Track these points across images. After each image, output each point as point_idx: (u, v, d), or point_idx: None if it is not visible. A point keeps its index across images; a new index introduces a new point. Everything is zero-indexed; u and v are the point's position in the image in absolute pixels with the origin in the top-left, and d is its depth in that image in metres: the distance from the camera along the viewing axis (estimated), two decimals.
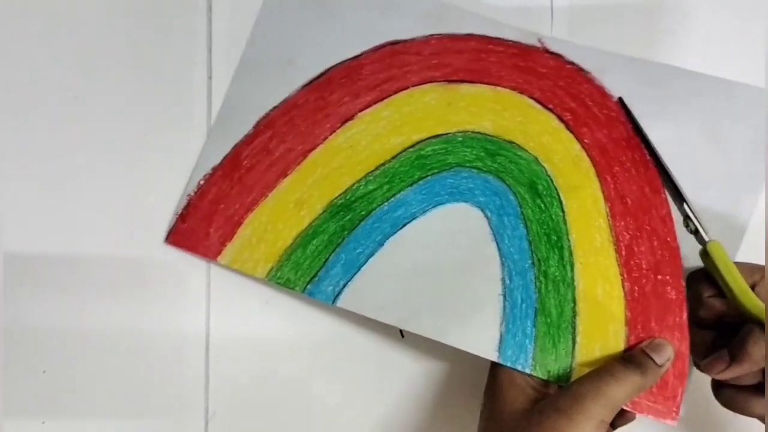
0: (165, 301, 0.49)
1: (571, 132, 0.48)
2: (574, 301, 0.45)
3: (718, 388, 0.44)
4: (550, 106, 0.48)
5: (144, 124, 0.49)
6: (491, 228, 0.46)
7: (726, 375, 0.41)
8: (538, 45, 0.49)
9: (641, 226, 0.46)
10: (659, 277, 0.45)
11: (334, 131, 0.48)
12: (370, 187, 0.48)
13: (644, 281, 0.45)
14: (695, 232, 0.44)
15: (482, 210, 0.47)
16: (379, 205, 0.47)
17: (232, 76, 0.50)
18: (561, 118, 0.48)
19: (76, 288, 0.48)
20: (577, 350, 0.44)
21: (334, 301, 0.46)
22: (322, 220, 0.47)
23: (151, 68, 0.50)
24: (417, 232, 0.47)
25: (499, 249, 0.46)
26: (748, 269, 0.42)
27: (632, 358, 0.42)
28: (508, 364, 0.44)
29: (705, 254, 0.43)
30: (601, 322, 0.45)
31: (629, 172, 0.47)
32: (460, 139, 0.48)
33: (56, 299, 0.48)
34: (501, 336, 0.45)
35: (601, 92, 0.48)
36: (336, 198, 0.48)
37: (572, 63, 0.49)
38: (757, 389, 0.42)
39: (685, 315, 0.44)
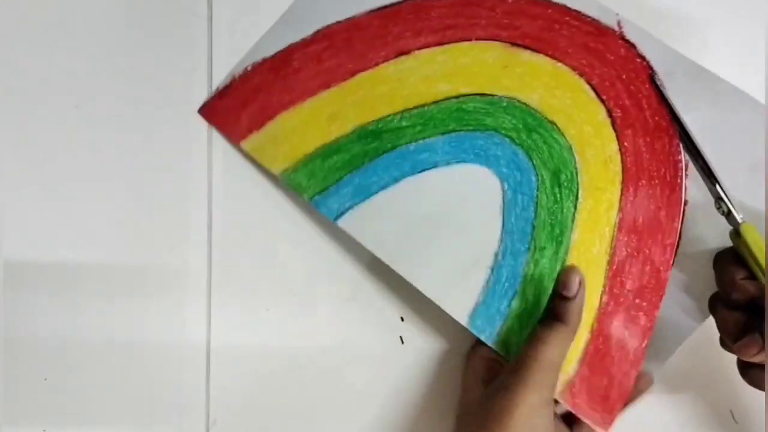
0: (166, 308, 0.49)
1: (615, 130, 0.47)
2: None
3: (745, 368, 0.44)
4: (604, 97, 0.47)
5: (145, 131, 0.50)
6: (503, 201, 0.47)
7: (759, 358, 0.42)
8: (616, 28, 0.48)
9: (641, 247, 0.46)
10: (637, 301, 0.46)
11: (387, 60, 0.48)
12: (404, 123, 0.48)
13: (622, 299, 0.46)
14: (727, 214, 0.44)
15: (501, 181, 0.47)
16: (407, 143, 0.48)
17: None
18: (610, 113, 0.47)
19: (76, 295, 0.49)
20: None
21: (336, 219, 0.48)
22: (348, 139, 0.48)
23: (151, 76, 0.50)
24: (433, 181, 0.47)
25: (503, 224, 0.47)
26: None
27: (551, 313, 0.45)
28: (474, 332, 0.46)
29: (737, 235, 0.43)
30: None
31: (654, 189, 0.46)
32: (505, 104, 0.48)
33: (57, 306, 0.49)
34: (476, 305, 0.46)
35: (660, 98, 0.47)
36: (368, 123, 0.48)
37: (642, 57, 0.47)
38: None
39: (645, 343, 0.45)
